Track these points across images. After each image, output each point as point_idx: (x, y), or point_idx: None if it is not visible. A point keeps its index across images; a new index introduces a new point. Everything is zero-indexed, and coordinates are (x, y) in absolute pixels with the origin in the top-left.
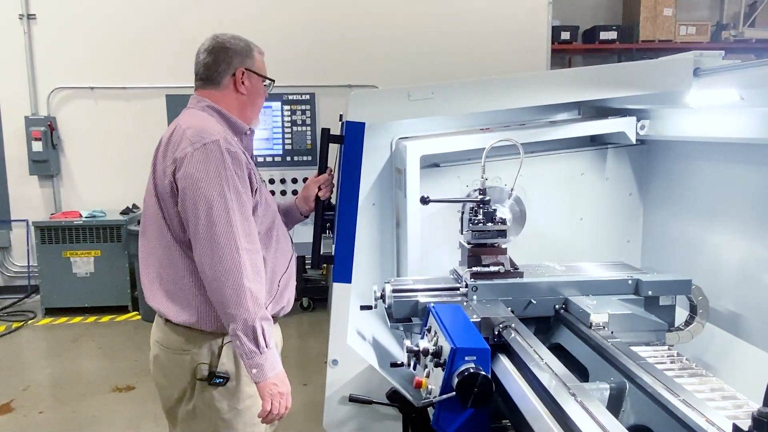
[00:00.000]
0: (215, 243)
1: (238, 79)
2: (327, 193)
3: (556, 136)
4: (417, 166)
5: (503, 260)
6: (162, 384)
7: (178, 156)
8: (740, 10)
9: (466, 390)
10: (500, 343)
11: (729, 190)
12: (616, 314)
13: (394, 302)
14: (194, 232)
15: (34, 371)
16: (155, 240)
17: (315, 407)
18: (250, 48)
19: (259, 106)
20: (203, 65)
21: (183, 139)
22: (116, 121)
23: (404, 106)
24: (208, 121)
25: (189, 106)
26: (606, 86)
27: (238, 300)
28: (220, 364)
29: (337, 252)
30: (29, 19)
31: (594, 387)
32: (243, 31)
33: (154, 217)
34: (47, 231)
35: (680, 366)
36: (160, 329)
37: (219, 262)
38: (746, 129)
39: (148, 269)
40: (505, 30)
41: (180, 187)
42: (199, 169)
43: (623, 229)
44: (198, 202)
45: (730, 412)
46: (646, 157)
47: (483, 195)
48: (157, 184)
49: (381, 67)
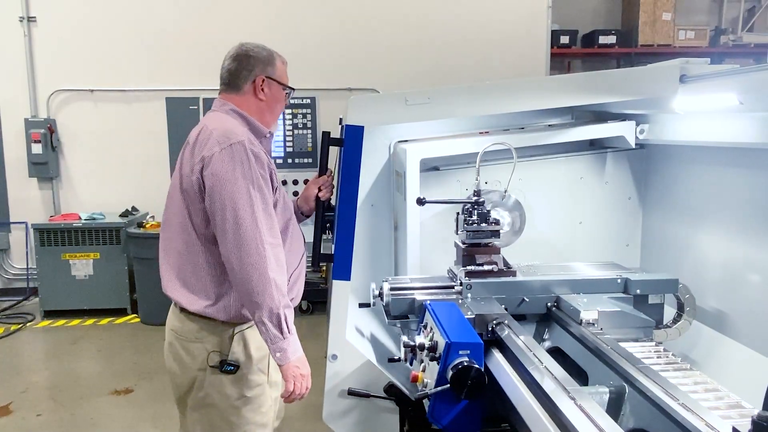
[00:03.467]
0: (242, 237)
1: (258, 86)
2: (327, 194)
3: (555, 140)
4: (417, 170)
5: (497, 259)
6: (174, 371)
7: (206, 155)
8: (739, 14)
9: (460, 382)
10: (494, 338)
11: (728, 194)
12: (605, 311)
13: (391, 300)
14: (221, 228)
15: (33, 374)
16: (177, 233)
17: (313, 408)
18: (272, 57)
19: (277, 112)
20: (227, 71)
21: (210, 139)
22: (116, 123)
23: (401, 110)
24: (233, 123)
25: (213, 108)
26: (597, 92)
27: (263, 289)
28: (231, 352)
29: (337, 250)
30: (29, 21)
31: (593, 391)
32: (244, 35)
33: (178, 210)
34: (46, 233)
35: (666, 361)
36: (175, 317)
37: (246, 255)
38: (745, 133)
39: (168, 260)
40: (505, 34)
41: (207, 185)
42: (226, 168)
43: (622, 232)
44: (225, 200)
45: (724, 411)
46: (646, 161)
47: (477, 196)
48: (183, 180)
49: (381, 72)
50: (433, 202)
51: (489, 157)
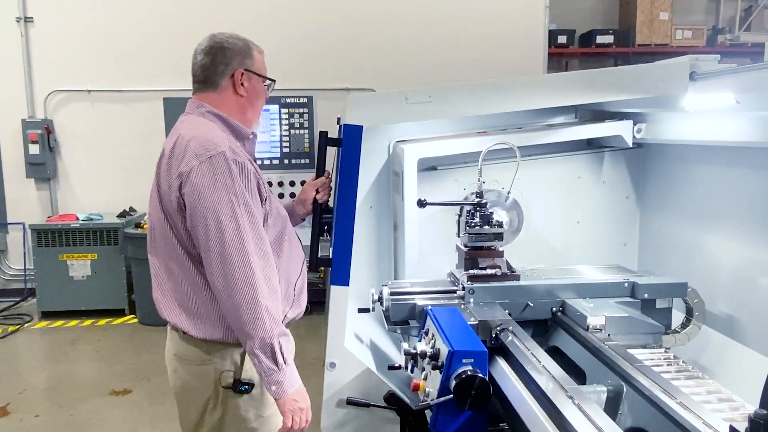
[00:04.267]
0: (227, 261)
1: (237, 81)
2: (325, 196)
3: (553, 140)
4: (414, 169)
5: (500, 263)
6: (184, 399)
7: (183, 170)
8: (736, 14)
9: (464, 392)
10: (497, 345)
11: (725, 193)
12: (613, 317)
13: (391, 305)
14: (205, 250)
15: (31, 375)
16: (167, 255)
17: (312, 409)
18: (249, 47)
19: (259, 108)
20: (200, 67)
21: (187, 151)
22: (113, 124)
23: (401, 109)
24: (211, 128)
25: (188, 111)
26: (602, 90)
27: (254, 319)
28: (243, 371)
29: (335, 255)
30: (26, 22)
31: (591, 390)
32: (240, 34)
33: (162, 231)
34: (44, 234)
35: (677, 368)
36: (177, 343)
37: (233, 280)
38: (742, 132)
39: (161, 284)
40: (502, 34)
41: (187, 203)
42: (206, 183)
43: (620, 232)
44: (207, 219)
45: (727, 414)
46: (643, 161)
47: (480, 198)
48: (163, 199)
49: (378, 71)
50: (435, 203)
51: (487, 157)
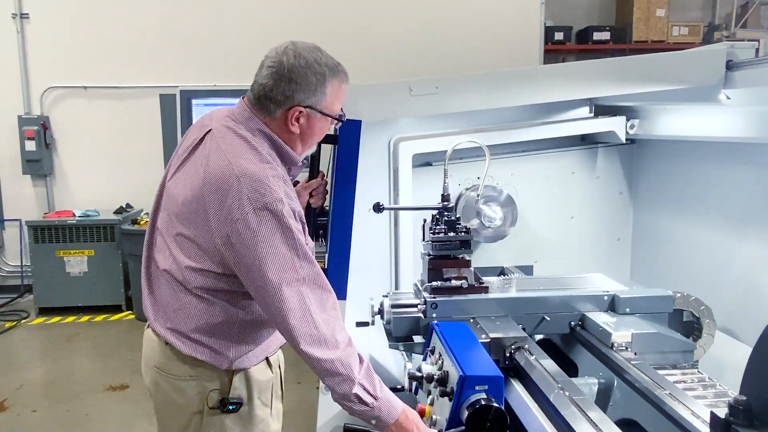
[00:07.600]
0: (293, 327)
1: (291, 116)
2: (319, 201)
3: (546, 135)
4: (409, 165)
5: (467, 274)
6: (164, 415)
7: (235, 217)
8: (732, 10)
9: (478, 425)
10: (512, 366)
11: (717, 189)
12: (640, 333)
13: (393, 319)
14: (267, 311)
15: (28, 370)
16: (170, 265)
17: (309, 404)
18: (323, 81)
19: (312, 144)
20: (261, 85)
21: (239, 191)
22: (110, 120)
23: (405, 102)
24: (259, 155)
25: (236, 117)
26: (631, 81)
27: (330, 374)
28: (232, 389)
29: (330, 264)
30: (22, 18)
31: (583, 382)
32: (237, 30)
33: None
34: (40, 230)
35: (715, 393)
36: (160, 352)
37: (302, 345)
38: (733, 128)
39: (152, 292)
40: (498, 30)
41: (239, 254)
42: (264, 240)
43: (613, 227)
44: (267, 282)
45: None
46: (636, 156)
47: (446, 201)
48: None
49: (372, 67)
50: (393, 208)
51: (478, 153)
